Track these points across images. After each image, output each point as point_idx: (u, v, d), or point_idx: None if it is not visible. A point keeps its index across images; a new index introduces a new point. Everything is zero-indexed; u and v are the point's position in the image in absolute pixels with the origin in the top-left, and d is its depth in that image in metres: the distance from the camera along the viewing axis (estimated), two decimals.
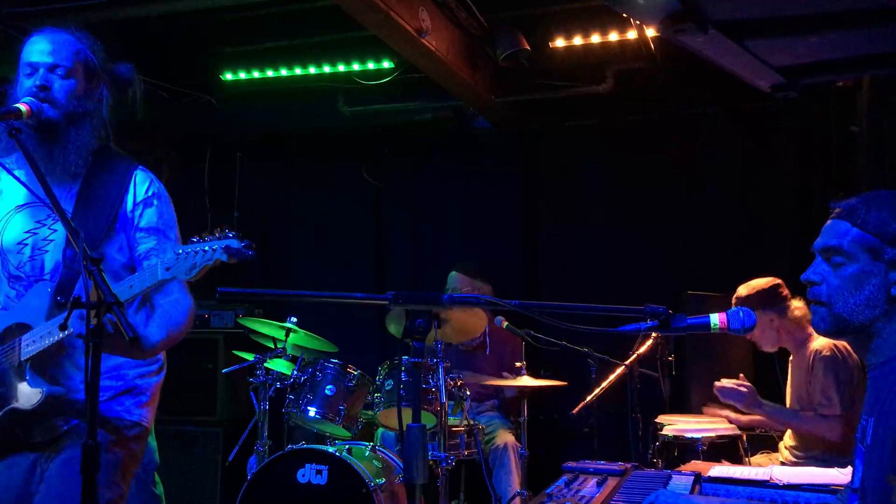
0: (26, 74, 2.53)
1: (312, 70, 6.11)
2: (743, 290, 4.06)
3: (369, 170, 6.78)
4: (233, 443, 5.59)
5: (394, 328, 4.70)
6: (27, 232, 2.52)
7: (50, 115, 2.48)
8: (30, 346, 2.37)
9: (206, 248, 2.21)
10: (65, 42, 2.55)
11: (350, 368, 4.69)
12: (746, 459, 3.98)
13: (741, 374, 4.11)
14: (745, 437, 4.06)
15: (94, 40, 2.64)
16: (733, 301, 4.03)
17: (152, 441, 3.91)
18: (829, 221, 1.98)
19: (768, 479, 2.72)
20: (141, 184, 2.65)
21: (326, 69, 6.09)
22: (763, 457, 4.16)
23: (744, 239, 5.81)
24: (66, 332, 2.32)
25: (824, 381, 3.81)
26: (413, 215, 6.79)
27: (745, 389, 3.98)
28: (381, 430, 5.08)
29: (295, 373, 4.71)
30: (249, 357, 4.94)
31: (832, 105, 5.50)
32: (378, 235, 6.86)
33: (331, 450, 4.33)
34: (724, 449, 3.95)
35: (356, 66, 6.02)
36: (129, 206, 2.61)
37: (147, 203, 2.64)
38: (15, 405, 2.38)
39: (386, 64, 5.96)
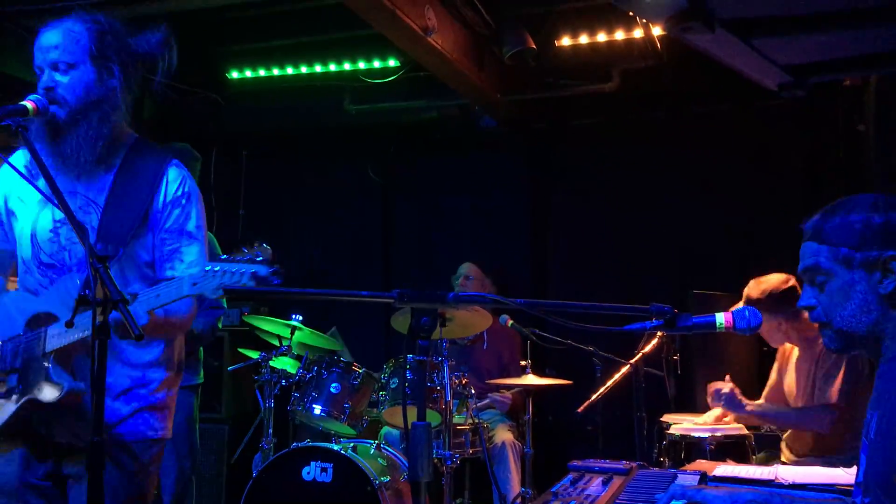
0: (38, 76, 2.50)
1: (318, 68, 6.13)
2: (754, 290, 3.95)
3: (375, 168, 6.78)
4: (238, 440, 5.60)
5: (400, 325, 4.71)
6: (58, 221, 2.51)
7: (57, 116, 2.44)
8: (54, 337, 2.34)
9: (235, 269, 2.17)
10: (66, 33, 2.47)
11: (355, 366, 4.69)
12: (753, 459, 3.97)
13: (727, 376, 4.08)
14: (752, 437, 4.04)
15: (105, 21, 2.54)
16: (743, 298, 3.98)
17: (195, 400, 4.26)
18: (802, 245, 1.99)
19: (773, 478, 2.71)
20: (172, 182, 2.58)
21: (332, 67, 6.10)
22: (767, 456, 4.16)
23: (750, 238, 5.80)
24: (74, 331, 2.30)
25: (832, 369, 3.77)
26: (419, 214, 6.80)
27: (725, 391, 3.94)
28: (385, 428, 5.08)
29: (300, 371, 4.71)
30: (255, 355, 4.95)
31: (840, 104, 5.49)
32: (384, 233, 6.86)
33: (336, 448, 4.34)
34: (731, 448, 3.94)
35: (362, 65, 6.03)
36: (160, 205, 2.55)
37: (175, 203, 2.57)
38: (36, 395, 2.35)
39: (392, 62, 5.97)
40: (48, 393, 2.34)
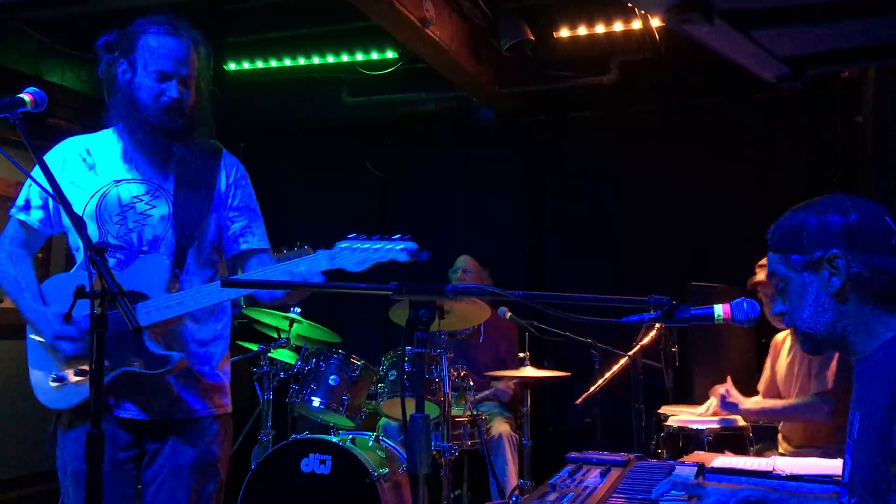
0: (154, 77, 2.61)
1: (316, 60, 6.11)
2: None
3: (373, 160, 6.77)
4: (237, 433, 5.59)
5: (399, 318, 4.71)
6: (124, 206, 2.66)
7: (178, 126, 2.65)
8: (151, 313, 2.51)
9: (380, 245, 2.41)
10: (189, 48, 2.66)
11: (354, 358, 4.69)
12: (751, 450, 3.98)
13: (728, 377, 4.09)
14: (750, 429, 4.05)
15: (197, 34, 2.73)
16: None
17: None
18: None
19: (771, 469, 2.72)
20: (230, 166, 2.83)
21: (330, 59, 6.08)
22: (763, 447, 4.17)
23: (748, 230, 5.75)
24: (173, 306, 2.52)
25: (825, 359, 3.79)
26: (417, 206, 6.79)
27: (720, 391, 3.94)
28: (384, 420, 5.09)
29: (299, 363, 4.71)
30: (253, 347, 4.95)
31: (838, 96, 5.48)
32: (382, 226, 6.85)
33: (334, 440, 4.34)
34: (729, 440, 3.95)
35: (360, 57, 6.02)
36: (223, 187, 2.78)
37: (238, 184, 2.82)
38: (134, 368, 2.51)
39: (390, 54, 5.95)
40: (153, 364, 2.51)
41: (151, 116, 2.63)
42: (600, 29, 5.47)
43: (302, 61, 6.14)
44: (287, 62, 6.17)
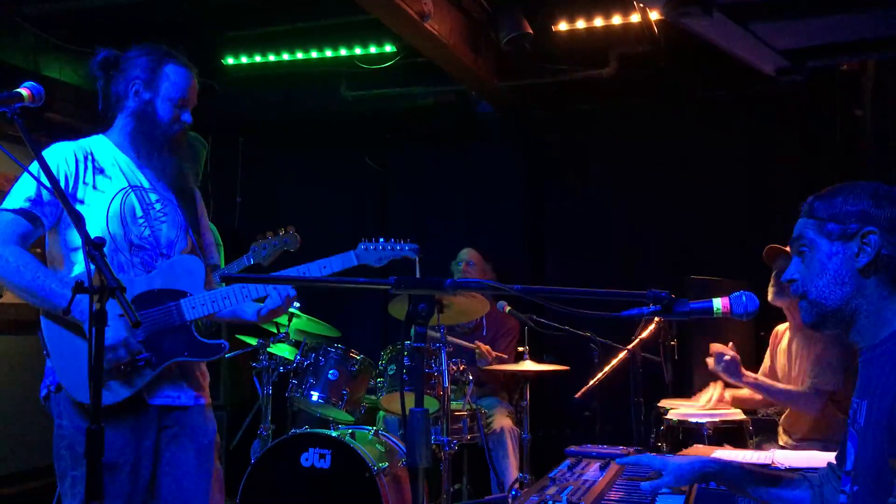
0: (175, 103, 2.88)
1: (315, 54, 6.10)
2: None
3: (372, 155, 6.76)
4: (236, 427, 5.61)
5: (398, 312, 4.71)
6: (145, 209, 2.84)
7: (181, 145, 2.96)
8: (195, 309, 2.74)
9: (398, 246, 3.22)
10: (195, 78, 2.98)
11: (353, 353, 4.69)
12: (751, 443, 3.99)
13: (731, 343, 4.08)
14: (749, 422, 4.05)
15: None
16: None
17: None
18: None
19: (770, 462, 2.72)
20: (195, 187, 3.11)
21: (329, 53, 6.07)
22: (762, 440, 4.17)
23: (748, 223, 5.79)
24: (219, 300, 2.78)
25: (828, 352, 3.79)
26: (416, 200, 6.78)
27: (727, 358, 3.95)
28: (383, 414, 5.09)
29: (298, 357, 4.71)
30: (252, 342, 4.95)
31: (837, 89, 5.48)
32: (381, 220, 6.85)
33: (334, 434, 4.35)
34: (729, 434, 3.95)
35: (358, 51, 6.00)
36: (198, 205, 3.05)
37: (202, 203, 3.09)
38: (186, 357, 2.74)
39: (388, 48, 5.94)
40: (206, 353, 2.78)
41: (167, 134, 2.87)
42: (599, 22, 5.46)
43: (300, 55, 6.12)
44: (285, 56, 6.16)
